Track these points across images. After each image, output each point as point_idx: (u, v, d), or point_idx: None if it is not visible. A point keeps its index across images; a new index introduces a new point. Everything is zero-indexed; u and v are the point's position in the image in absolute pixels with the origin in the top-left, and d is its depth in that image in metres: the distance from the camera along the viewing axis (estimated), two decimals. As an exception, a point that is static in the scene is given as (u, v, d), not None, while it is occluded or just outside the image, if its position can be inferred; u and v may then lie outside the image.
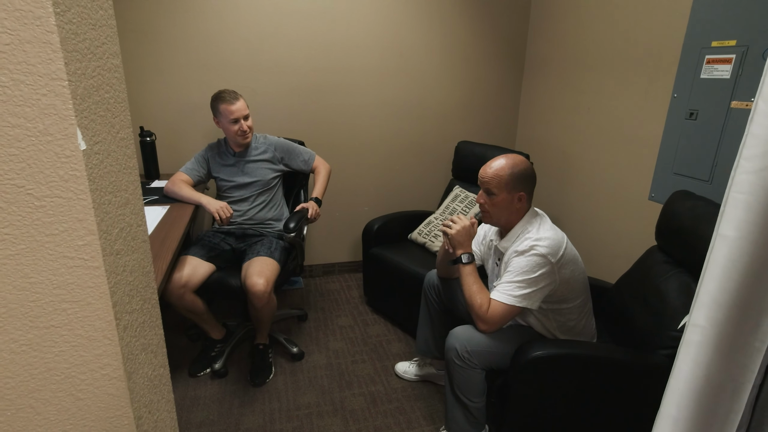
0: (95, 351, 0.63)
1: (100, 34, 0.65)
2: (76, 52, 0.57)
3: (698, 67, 1.94)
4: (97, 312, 0.62)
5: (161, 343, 0.83)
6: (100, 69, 0.64)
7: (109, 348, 0.64)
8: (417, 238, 2.58)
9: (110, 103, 0.67)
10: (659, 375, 1.48)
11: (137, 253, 0.74)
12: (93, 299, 0.61)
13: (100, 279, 0.61)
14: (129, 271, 0.70)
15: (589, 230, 2.59)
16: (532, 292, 1.49)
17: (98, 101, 0.63)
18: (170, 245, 1.67)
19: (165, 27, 2.39)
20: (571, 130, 2.70)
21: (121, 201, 0.68)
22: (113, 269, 0.64)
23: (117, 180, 0.68)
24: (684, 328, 1.44)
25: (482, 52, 2.96)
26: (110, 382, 0.65)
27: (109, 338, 0.63)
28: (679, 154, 2.05)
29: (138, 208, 0.75)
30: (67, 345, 0.62)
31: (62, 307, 0.61)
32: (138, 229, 0.75)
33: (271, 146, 2.25)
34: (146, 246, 0.78)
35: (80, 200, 0.58)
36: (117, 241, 0.66)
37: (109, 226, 0.64)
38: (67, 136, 0.56)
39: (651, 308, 1.65)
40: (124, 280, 0.68)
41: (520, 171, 1.53)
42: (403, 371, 2.11)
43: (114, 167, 0.67)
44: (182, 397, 1.94)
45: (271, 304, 1.98)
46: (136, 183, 0.76)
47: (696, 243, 1.54)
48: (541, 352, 1.48)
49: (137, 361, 0.71)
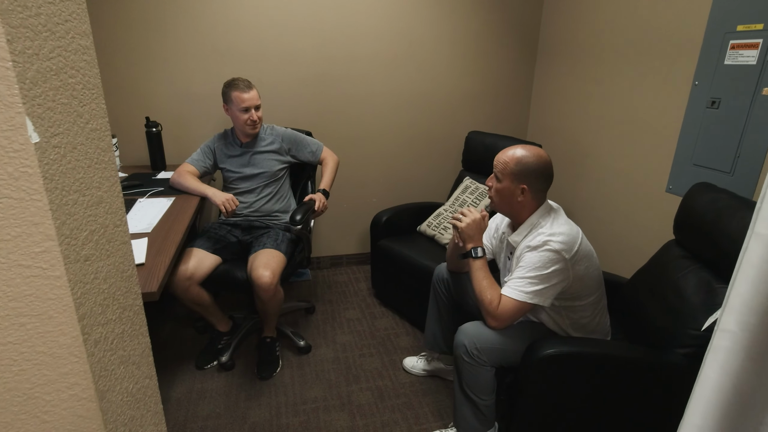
0: (60, 369, 0.55)
1: (61, 9, 0.55)
2: (24, 29, 0.47)
3: (722, 53, 1.80)
4: (61, 326, 0.53)
5: (146, 352, 0.74)
6: (62, 50, 0.55)
7: (77, 366, 0.55)
8: (426, 230, 2.47)
9: (76, 90, 0.58)
10: (676, 375, 1.40)
11: (114, 257, 0.65)
12: (55, 312, 0.53)
13: (62, 290, 0.52)
14: (102, 278, 0.61)
15: (603, 223, 2.46)
16: (545, 288, 1.40)
17: (58, 87, 0.53)
18: (174, 238, 1.60)
19: (171, 16, 2.29)
20: (586, 120, 2.55)
21: (91, 200, 0.59)
22: (80, 278, 0.55)
23: (86, 177, 0.58)
24: (708, 330, 1.34)
25: (493, 39, 2.81)
26: (79, 402, 0.57)
27: (76, 355, 0.55)
28: (699, 145, 1.91)
29: (116, 206, 0.66)
30: (28, 363, 0.54)
31: (20, 321, 0.52)
32: (116, 231, 0.65)
33: (279, 137, 2.16)
34: (126, 248, 0.69)
35: (34, 201, 0.49)
36: (86, 246, 0.57)
37: (75, 230, 0.55)
38: (14, 127, 0.46)
39: (668, 305, 1.55)
40: (96, 288, 0.59)
41: (528, 164, 1.43)
42: (411, 366, 2.03)
43: (81, 162, 0.57)
44: (189, 390, 1.88)
45: (277, 297, 1.90)
46: (113, 179, 0.66)
47: (718, 238, 1.44)
48: (553, 350, 1.40)
49: (113, 377, 0.62)
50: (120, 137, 2.38)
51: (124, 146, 2.41)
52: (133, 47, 2.28)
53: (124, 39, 2.26)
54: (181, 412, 1.77)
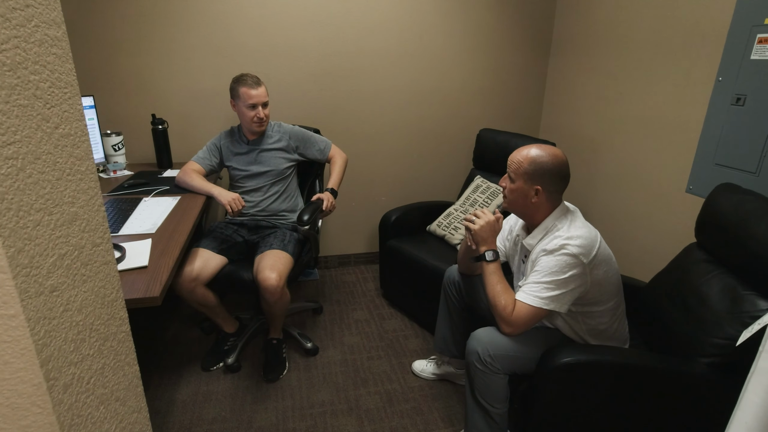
0: (21, 422, 0.45)
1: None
2: (-38, 14, 0.37)
3: (748, 48, 1.67)
4: (19, 373, 0.43)
5: (133, 383, 0.64)
6: (19, 40, 0.44)
7: (40, 417, 0.45)
8: (436, 230, 2.36)
9: (41, 89, 0.47)
10: (700, 385, 1.30)
11: (92, 282, 0.55)
12: (11, 357, 0.43)
13: (19, 330, 0.42)
14: (76, 309, 0.51)
15: (619, 225, 2.33)
16: (561, 294, 1.31)
17: (13, 85, 0.43)
18: (179, 238, 1.52)
19: (177, 12, 2.18)
20: (601, 117, 2.41)
21: (61, 219, 0.49)
22: (44, 314, 0.45)
23: (54, 192, 0.48)
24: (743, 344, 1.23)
25: (505, 33, 2.67)
26: (46, 458, 0.47)
27: (39, 405, 0.45)
28: (722, 144, 1.78)
29: (94, 223, 0.56)
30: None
31: (-31, 368, 0.42)
32: (95, 250, 0.55)
33: (286, 134, 2.05)
34: (108, 269, 0.59)
35: (-21, 227, 0.39)
36: (52, 275, 0.47)
37: (36, 257, 0.44)
38: (-52, 137, 0.36)
39: (690, 311, 1.45)
40: (66, 322, 0.49)
41: (543, 164, 1.34)
42: (420, 369, 1.93)
43: (48, 175, 0.47)
44: (194, 392, 1.80)
45: (284, 299, 1.81)
46: (92, 191, 0.56)
47: (744, 241, 1.33)
48: (570, 358, 1.31)
49: (90, 422, 0.52)
50: (126, 134, 2.28)
51: (129, 144, 2.32)
52: (139, 43, 2.18)
53: (130, 35, 2.16)
54: (186, 415, 1.69)
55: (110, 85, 2.21)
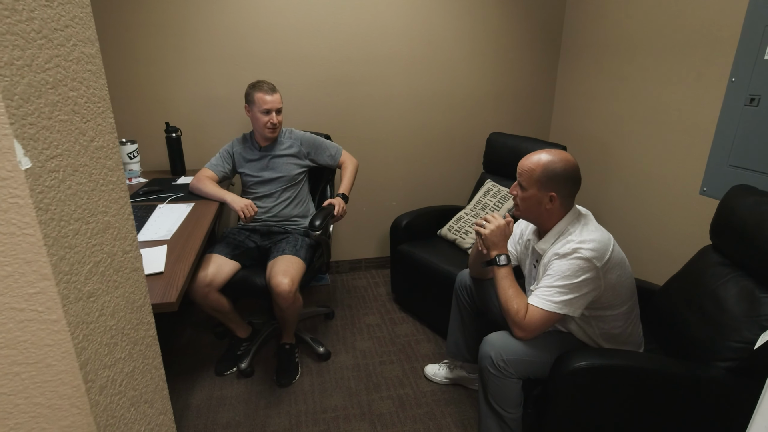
0: (61, 422, 0.47)
1: (59, 13, 0.47)
2: (13, 36, 0.40)
3: (762, 47, 1.67)
4: (60, 375, 0.46)
5: (160, 386, 0.67)
6: (60, 59, 0.47)
7: (79, 418, 0.48)
8: (447, 234, 2.37)
9: (78, 104, 0.50)
10: (717, 390, 1.30)
11: (123, 288, 0.57)
12: (53, 360, 0.45)
13: (60, 334, 0.45)
14: (109, 314, 0.53)
15: (631, 227, 2.33)
16: (575, 298, 1.31)
17: (56, 102, 0.46)
18: (194, 244, 1.55)
19: (190, 21, 2.23)
20: (612, 120, 2.41)
21: (96, 228, 0.52)
22: (82, 318, 0.48)
23: (90, 202, 0.51)
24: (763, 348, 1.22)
25: (515, 37, 2.69)
26: (83, 457, 0.49)
27: (78, 406, 0.47)
28: (737, 145, 1.78)
29: (125, 231, 0.59)
30: (24, 416, 0.47)
31: (14, 370, 0.45)
32: (125, 257, 0.58)
33: (297, 141, 2.08)
34: (137, 275, 0.61)
35: (26, 235, 0.41)
36: (90, 281, 0.50)
37: (76, 264, 0.47)
38: (0, 152, 0.39)
39: (707, 315, 1.44)
40: (101, 326, 0.52)
41: (555, 169, 1.33)
42: (432, 374, 1.94)
43: (85, 186, 0.50)
44: (209, 396, 1.83)
45: (296, 304, 1.83)
46: (122, 201, 0.59)
47: (761, 243, 1.33)
48: (584, 363, 1.30)
49: (123, 423, 0.55)
50: (140, 142, 2.33)
51: (144, 151, 2.37)
52: (153, 53, 2.23)
53: (143, 45, 2.21)
54: (200, 419, 1.72)
55: (125, 94, 2.26)
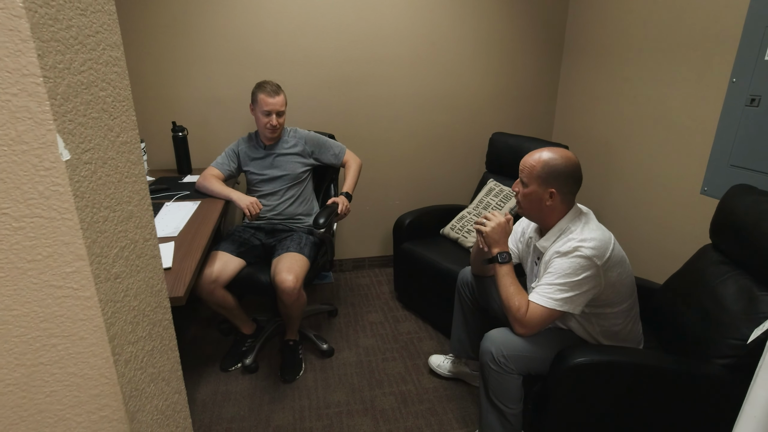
0: (91, 391, 0.53)
1: (92, 20, 0.53)
2: (55, 42, 0.45)
3: (762, 48, 1.71)
4: (92, 347, 0.52)
5: (175, 367, 0.72)
6: (93, 62, 0.53)
7: (107, 387, 0.53)
8: (449, 233, 2.42)
9: (107, 103, 0.56)
10: (716, 386, 1.33)
11: (143, 273, 0.63)
12: (86, 333, 0.51)
13: (93, 310, 0.50)
14: (133, 295, 0.59)
15: (633, 226, 2.37)
16: (575, 296, 1.35)
17: (89, 101, 0.51)
18: (200, 242, 1.60)
19: (196, 22, 2.30)
20: (615, 120, 2.46)
21: (121, 216, 0.57)
22: (111, 297, 0.53)
23: (117, 192, 0.57)
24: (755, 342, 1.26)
25: (518, 38, 2.74)
26: (110, 424, 0.55)
27: (107, 376, 0.53)
28: (737, 145, 1.82)
29: (145, 220, 0.64)
30: (59, 384, 0.52)
31: (51, 342, 0.50)
32: (145, 245, 0.64)
33: (302, 140, 2.14)
34: (156, 262, 0.67)
35: (65, 220, 0.47)
36: (116, 263, 0.55)
37: (105, 247, 0.53)
38: (45, 145, 0.45)
39: (706, 313, 1.48)
40: (126, 306, 0.57)
41: (556, 166, 1.38)
42: (437, 365, 1.99)
43: (112, 177, 0.56)
44: (214, 391, 1.89)
45: (300, 301, 1.88)
46: (143, 192, 0.64)
47: (760, 242, 1.36)
48: (583, 359, 1.34)
49: (144, 396, 0.60)
50: (147, 142, 2.40)
51: (151, 150, 2.44)
52: (160, 53, 2.30)
53: (150, 45, 2.28)
54: (206, 414, 1.77)
55: (132, 93, 2.31)
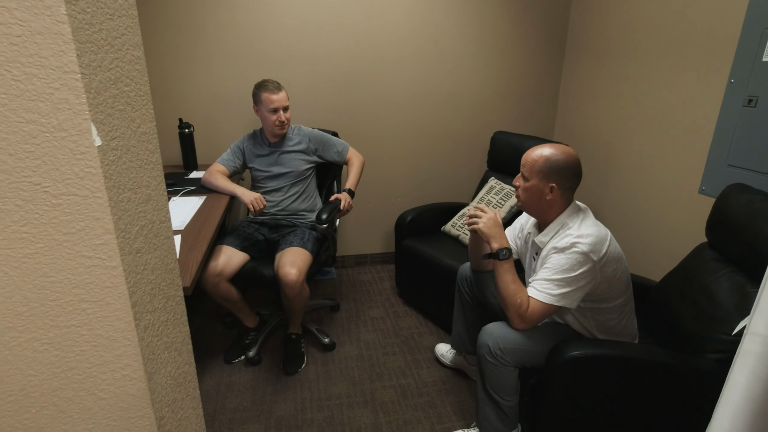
0: (115, 351, 0.61)
1: (118, 24, 0.61)
2: (90, 44, 0.54)
3: (760, 49, 1.76)
4: (116, 312, 0.60)
5: (186, 340, 0.80)
6: (119, 61, 0.61)
7: (129, 349, 0.61)
8: (450, 230, 2.50)
9: (130, 97, 0.64)
10: (708, 380, 1.38)
11: (160, 251, 0.71)
12: (112, 299, 0.59)
13: (118, 279, 0.58)
14: (150, 270, 0.67)
15: (632, 225, 2.44)
16: (572, 291, 1.39)
17: (116, 95, 0.60)
18: (206, 235, 1.68)
19: (202, 19, 2.39)
20: (615, 120, 2.53)
21: (142, 198, 0.66)
22: (133, 268, 0.61)
23: (137, 176, 0.65)
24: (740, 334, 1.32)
25: (520, 37, 2.82)
26: (131, 382, 0.63)
27: (129, 339, 0.61)
28: (735, 145, 1.87)
29: (161, 204, 0.72)
30: (87, 345, 0.60)
31: (81, 306, 0.59)
32: (161, 226, 0.72)
33: (306, 137, 2.22)
34: (170, 243, 0.75)
35: (96, 198, 0.55)
36: (137, 240, 0.63)
37: (128, 224, 0.61)
38: (81, 132, 0.53)
39: (699, 309, 1.52)
40: (145, 278, 0.65)
41: (557, 161, 1.42)
42: (441, 354, 2.07)
43: (134, 163, 0.64)
44: (218, 383, 1.97)
45: (303, 294, 1.96)
46: (159, 178, 0.73)
47: (753, 240, 1.41)
48: (579, 352, 1.39)
49: (159, 361, 0.68)
50: (153, 138, 2.49)
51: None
52: (167, 51, 2.39)
53: (158, 43, 2.37)
54: (210, 404, 1.85)
55: (140, 90, 2.42)
